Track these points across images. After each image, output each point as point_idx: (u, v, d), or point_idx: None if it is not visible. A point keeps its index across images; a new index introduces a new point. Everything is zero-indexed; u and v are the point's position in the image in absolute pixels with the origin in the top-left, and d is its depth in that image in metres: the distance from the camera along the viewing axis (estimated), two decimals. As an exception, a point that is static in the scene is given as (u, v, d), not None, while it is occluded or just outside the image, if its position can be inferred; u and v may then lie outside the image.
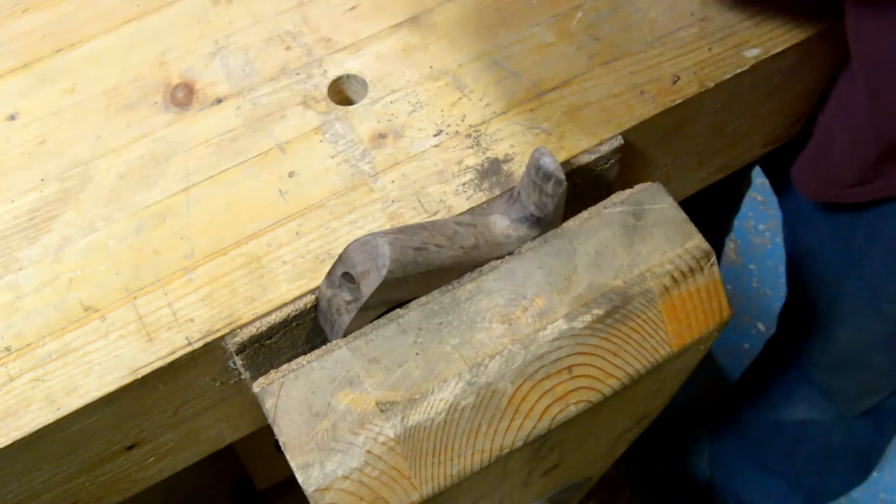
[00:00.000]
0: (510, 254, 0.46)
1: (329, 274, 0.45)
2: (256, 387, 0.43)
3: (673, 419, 1.60)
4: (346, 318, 0.44)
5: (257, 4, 0.57)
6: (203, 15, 0.57)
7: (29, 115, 0.53)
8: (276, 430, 0.42)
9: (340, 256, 0.43)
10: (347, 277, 0.43)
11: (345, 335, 0.44)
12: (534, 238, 0.47)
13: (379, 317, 0.45)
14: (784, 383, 0.99)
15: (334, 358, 0.43)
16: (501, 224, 0.47)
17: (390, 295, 0.43)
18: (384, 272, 0.41)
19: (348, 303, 0.43)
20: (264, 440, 0.73)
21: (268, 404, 0.42)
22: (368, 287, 0.42)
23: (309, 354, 0.43)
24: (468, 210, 0.49)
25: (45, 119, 0.53)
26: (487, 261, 0.46)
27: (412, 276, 0.43)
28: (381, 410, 0.42)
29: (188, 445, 0.51)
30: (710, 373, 1.62)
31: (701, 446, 1.60)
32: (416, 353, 0.43)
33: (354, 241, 0.43)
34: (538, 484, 0.57)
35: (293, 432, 0.41)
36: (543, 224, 0.47)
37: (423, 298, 0.45)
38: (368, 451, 0.41)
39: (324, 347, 0.44)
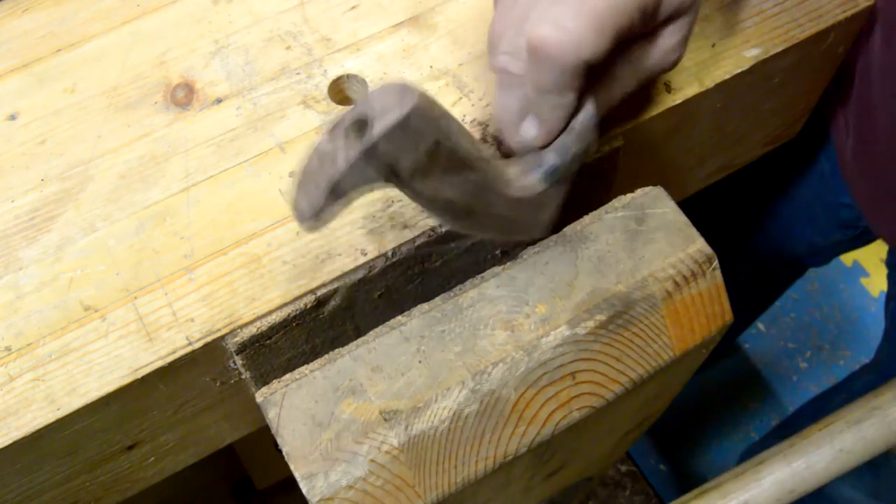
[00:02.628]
0: (513, 200, 0.44)
1: (334, 127, 0.39)
2: (259, 396, 0.43)
3: (673, 419, 1.61)
4: (343, 164, 0.38)
5: (257, 4, 0.57)
6: (203, 15, 0.56)
7: (29, 115, 0.53)
8: (279, 441, 0.42)
9: (356, 103, 0.38)
10: (359, 127, 0.38)
11: (331, 192, 0.38)
12: (541, 191, 0.45)
13: (353, 318, 0.44)
14: None
15: (337, 367, 0.43)
16: (512, 168, 0.44)
17: (399, 154, 0.38)
18: (407, 108, 0.36)
19: (350, 151, 0.38)
20: (264, 440, 0.73)
21: (271, 414, 0.42)
22: (383, 125, 0.37)
23: (311, 364, 0.43)
24: None
25: (45, 119, 0.52)
26: (493, 191, 0.43)
27: (425, 142, 0.38)
28: (385, 419, 0.42)
29: (188, 445, 0.51)
30: (710, 372, 1.63)
31: (701, 446, 1.60)
32: (419, 362, 0.43)
33: (379, 86, 0.38)
34: (540, 487, 0.57)
35: (297, 442, 0.41)
36: (555, 176, 0.44)
37: (426, 306, 0.45)
38: (372, 461, 0.41)
39: (326, 356, 0.44)
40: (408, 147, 0.38)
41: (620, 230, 0.47)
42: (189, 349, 0.45)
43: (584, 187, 0.52)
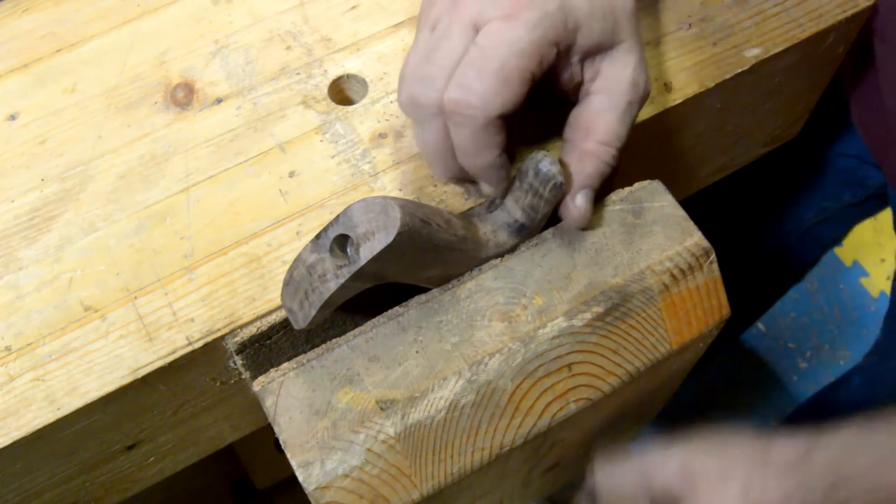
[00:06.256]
0: (487, 259, 0.46)
1: (317, 237, 0.41)
2: (256, 385, 0.43)
3: (673, 419, 1.60)
4: (333, 285, 0.40)
5: (257, 4, 0.57)
6: (203, 15, 0.57)
7: (29, 115, 0.53)
8: (276, 429, 0.42)
9: (338, 217, 0.40)
10: (342, 241, 0.40)
11: (323, 307, 0.41)
12: (511, 247, 0.47)
13: (351, 312, 0.44)
14: None
15: (334, 356, 0.43)
16: (482, 227, 0.46)
17: (385, 266, 0.40)
18: (393, 234, 0.38)
19: (339, 267, 0.40)
20: (264, 440, 0.73)
21: (268, 402, 0.42)
22: (369, 251, 0.39)
23: (309, 353, 0.44)
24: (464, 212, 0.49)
25: (45, 119, 0.53)
26: (470, 257, 0.45)
27: (410, 250, 0.40)
28: (382, 409, 0.42)
29: (188, 445, 0.51)
30: (710, 372, 1.62)
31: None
32: (417, 352, 0.43)
33: (358, 201, 0.40)
34: (538, 482, 0.57)
35: (293, 430, 0.41)
36: (524, 232, 0.46)
37: (423, 297, 0.45)
38: (369, 450, 0.41)
39: (323, 346, 0.44)
40: (394, 262, 0.40)
41: (618, 223, 0.47)
42: (189, 349, 0.45)
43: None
